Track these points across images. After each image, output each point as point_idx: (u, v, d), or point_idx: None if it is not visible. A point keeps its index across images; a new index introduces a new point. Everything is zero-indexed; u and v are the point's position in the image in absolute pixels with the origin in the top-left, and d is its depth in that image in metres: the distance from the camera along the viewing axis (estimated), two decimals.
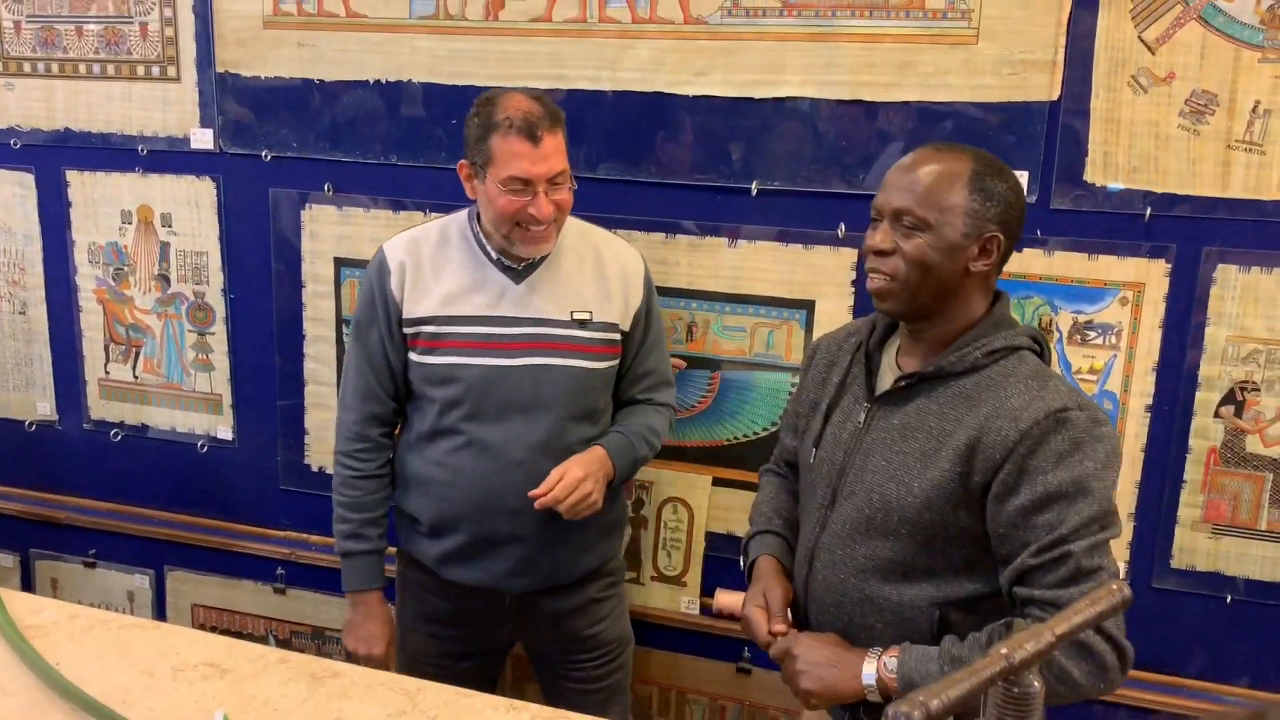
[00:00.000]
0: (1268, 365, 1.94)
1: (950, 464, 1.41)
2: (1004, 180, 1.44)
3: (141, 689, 1.51)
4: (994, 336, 1.46)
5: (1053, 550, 1.34)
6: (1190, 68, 1.88)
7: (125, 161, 2.56)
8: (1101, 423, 1.39)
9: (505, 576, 1.94)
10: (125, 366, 2.69)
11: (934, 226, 1.42)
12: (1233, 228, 1.91)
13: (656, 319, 2.06)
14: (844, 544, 1.52)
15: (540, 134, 1.78)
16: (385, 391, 1.97)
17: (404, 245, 1.96)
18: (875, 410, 1.53)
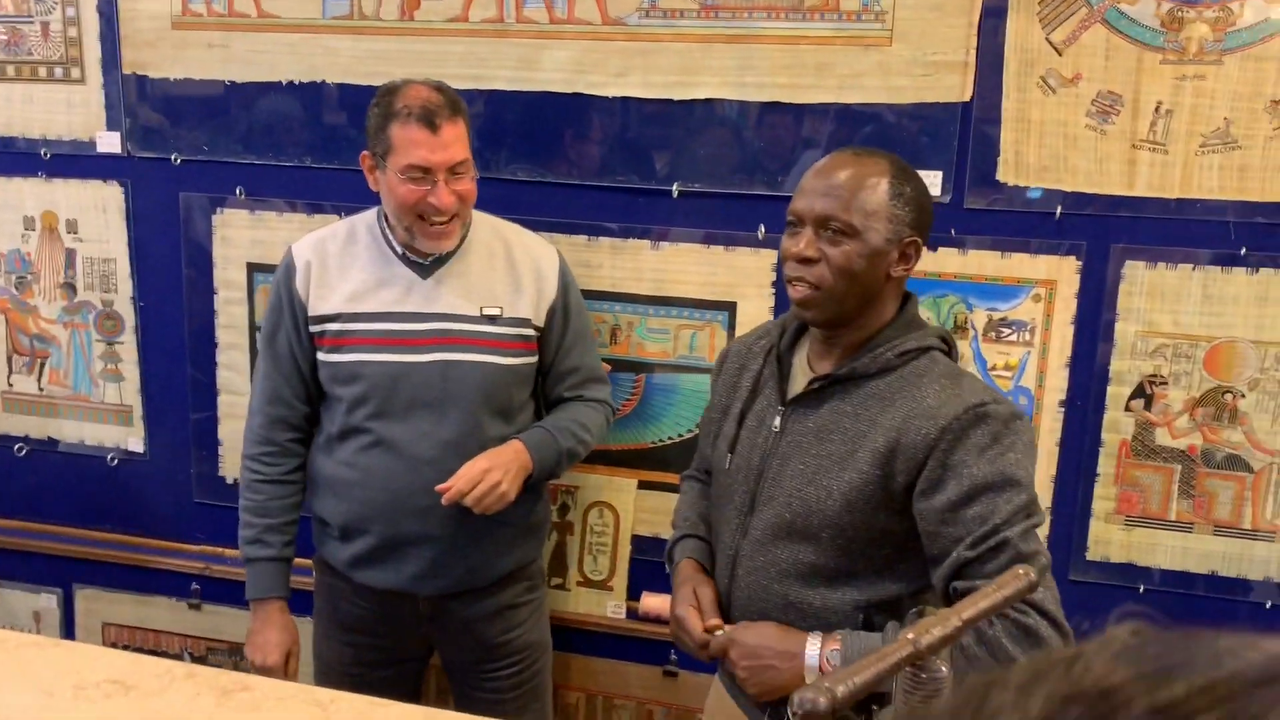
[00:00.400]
0: (1174, 359, 1.99)
1: (869, 465, 1.41)
2: (916, 184, 1.46)
3: (40, 709, 1.44)
4: (906, 338, 1.47)
5: (989, 540, 1.34)
6: (1096, 69, 1.92)
7: (27, 166, 2.47)
8: (1018, 416, 1.41)
9: (416, 579, 1.90)
10: (30, 378, 2.59)
11: (860, 233, 1.41)
12: (1139, 225, 1.96)
13: (577, 315, 2.02)
14: (765, 550, 1.51)
15: (439, 122, 1.76)
16: (293, 394, 1.93)
17: (310, 244, 1.93)
18: (789, 414, 1.52)
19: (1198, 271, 1.95)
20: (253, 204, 2.37)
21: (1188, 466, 2.02)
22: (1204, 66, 1.87)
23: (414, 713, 1.46)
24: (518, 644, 2.03)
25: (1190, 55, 1.87)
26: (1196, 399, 1.99)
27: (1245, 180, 1.89)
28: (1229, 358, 1.96)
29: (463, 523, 1.86)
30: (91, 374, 2.54)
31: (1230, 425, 1.99)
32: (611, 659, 2.37)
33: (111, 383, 2.54)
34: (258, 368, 1.99)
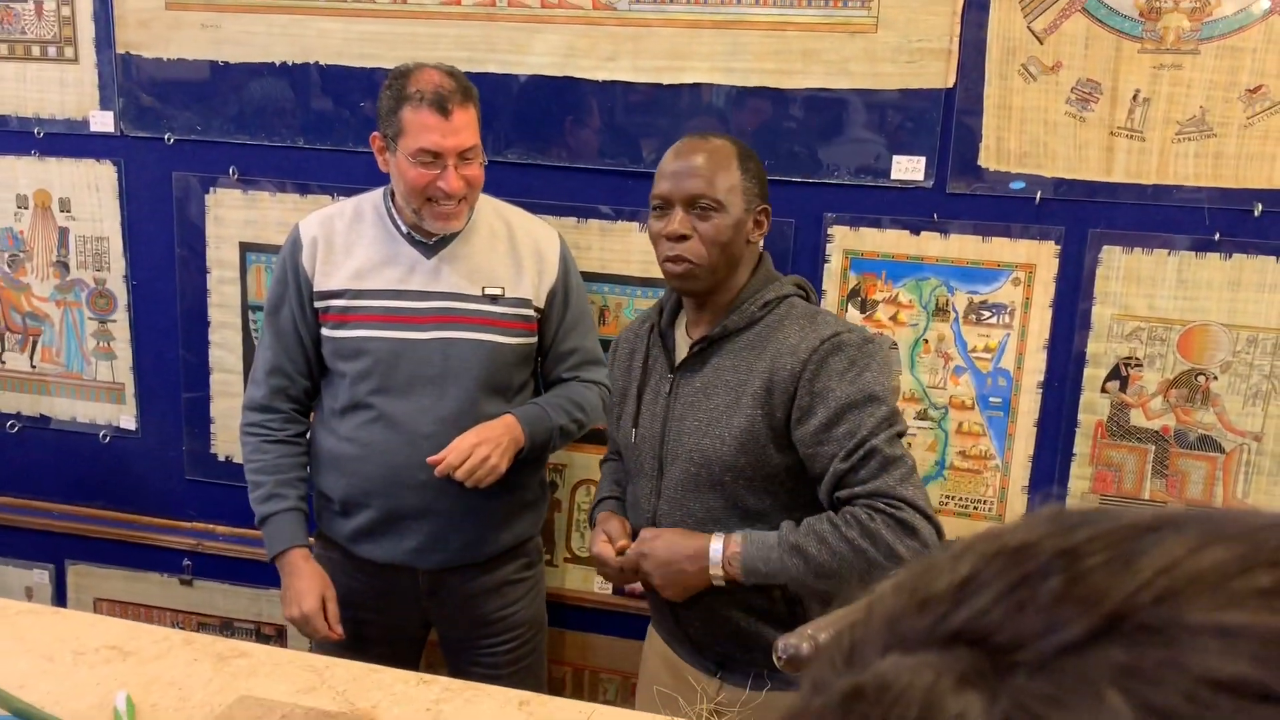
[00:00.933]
0: (1149, 342, 2.04)
1: (752, 408, 1.57)
2: (755, 160, 1.65)
3: (40, 674, 1.48)
4: (765, 290, 1.64)
5: (858, 451, 1.50)
6: (1076, 57, 1.96)
7: (20, 144, 2.49)
8: (870, 339, 1.59)
9: (415, 553, 1.94)
10: (22, 356, 2.61)
11: (725, 207, 1.58)
12: (1116, 211, 2.01)
13: (577, 297, 2.06)
14: (679, 505, 1.66)
15: (451, 107, 1.79)
16: (294, 368, 1.97)
17: (318, 221, 1.97)
18: (677, 379, 1.68)
19: (1173, 256, 2.00)
20: (245, 184, 2.39)
21: (1161, 447, 2.07)
22: (1181, 56, 1.92)
23: (408, 678, 1.50)
24: (514, 620, 2.06)
25: (1167, 45, 1.92)
26: (1170, 381, 2.04)
27: (1220, 167, 1.94)
28: (1202, 341, 2.01)
29: (461, 497, 1.90)
30: (84, 352, 2.57)
31: (1203, 407, 2.04)
32: (598, 634, 2.41)
33: (104, 360, 2.56)
34: (260, 340, 2.03)
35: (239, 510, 2.53)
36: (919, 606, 0.31)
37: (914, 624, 0.31)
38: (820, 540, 1.50)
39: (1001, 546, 0.31)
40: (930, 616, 0.30)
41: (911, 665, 0.29)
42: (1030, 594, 0.29)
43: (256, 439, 1.98)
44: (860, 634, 0.32)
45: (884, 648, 0.31)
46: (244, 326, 2.45)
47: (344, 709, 1.41)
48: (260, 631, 2.59)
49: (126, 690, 1.42)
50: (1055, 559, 0.29)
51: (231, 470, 2.52)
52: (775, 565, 1.52)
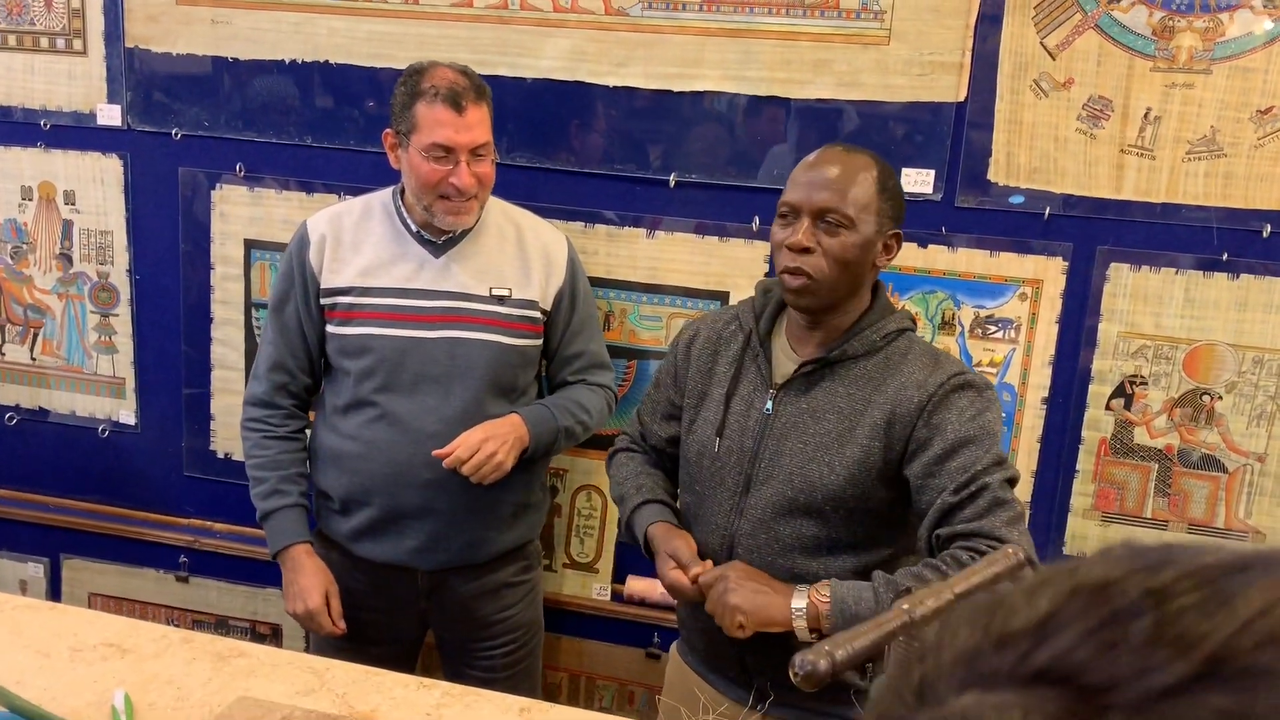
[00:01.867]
0: (1155, 360, 2.04)
1: (868, 439, 1.51)
2: (895, 180, 1.56)
3: (37, 670, 1.47)
4: (886, 321, 1.57)
5: (970, 486, 1.42)
6: (1088, 74, 1.96)
7: (26, 136, 2.48)
8: (990, 386, 1.55)
9: (415, 552, 1.93)
10: (22, 348, 2.60)
11: (855, 224, 1.49)
12: (1124, 228, 2.01)
13: (584, 302, 2.06)
14: (766, 527, 1.56)
15: (465, 104, 1.80)
16: (297, 365, 1.96)
17: (326, 218, 1.97)
18: (780, 396, 1.58)
19: (1180, 275, 2.00)
20: (251, 181, 2.38)
21: (1164, 465, 2.07)
22: (1193, 75, 1.92)
23: (408, 682, 1.49)
24: (512, 623, 2.06)
25: (1180, 64, 1.92)
26: (1175, 400, 2.04)
27: (1229, 187, 1.94)
28: (1208, 360, 2.01)
29: (463, 498, 1.89)
30: (85, 345, 2.55)
31: (1207, 426, 2.04)
32: (596, 640, 2.40)
33: (105, 355, 2.55)
34: (263, 335, 2.02)
35: (237, 507, 2.53)
36: (997, 643, 0.30)
37: (993, 661, 0.30)
38: (917, 578, 1.41)
39: (1079, 583, 0.31)
40: (1011, 654, 0.30)
41: (995, 704, 0.28)
42: (1120, 634, 0.28)
43: (258, 434, 1.98)
44: (932, 669, 0.32)
45: (961, 685, 0.30)
46: (247, 324, 2.44)
47: (343, 712, 1.40)
48: (256, 630, 2.58)
49: (124, 688, 1.41)
50: (1144, 599, 0.29)
51: (231, 468, 2.51)
52: (868, 605, 1.41)
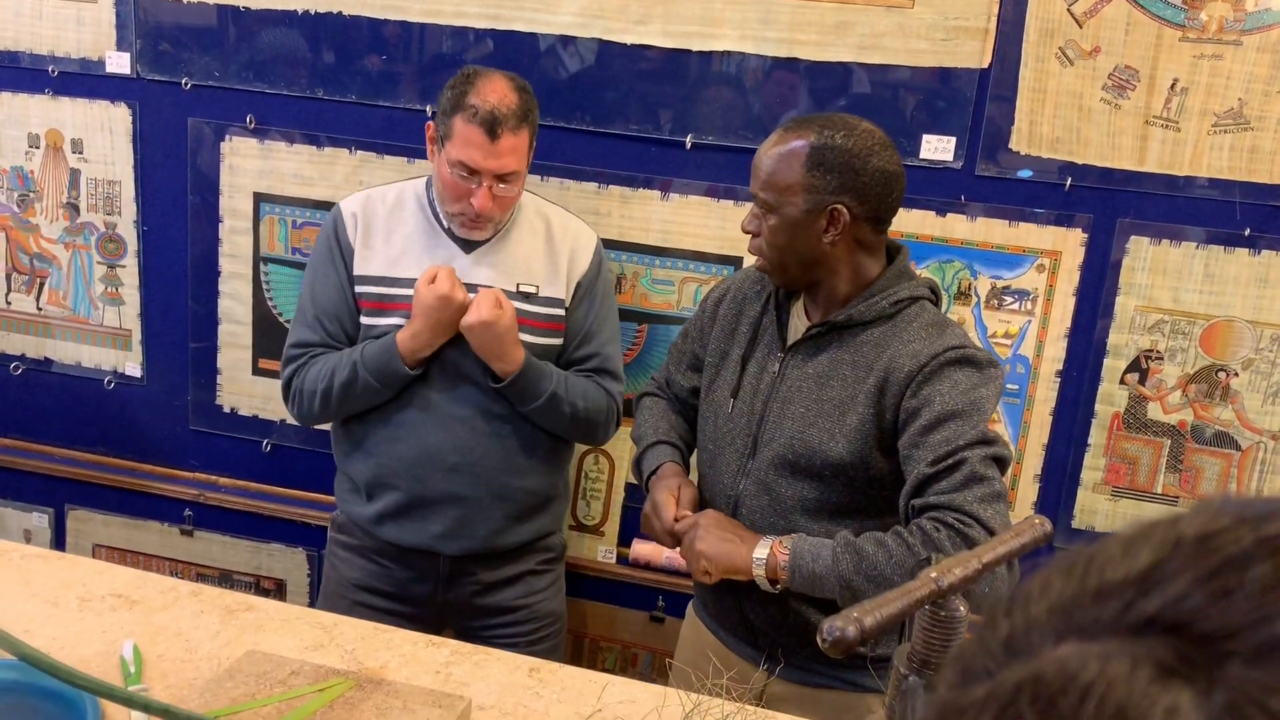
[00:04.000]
0: (1171, 335, 2.02)
1: (865, 407, 1.50)
2: (851, 148, 1.50)
3: (45, 619, 1.46)
4: (898, 287, 1.56)
5: (948, 459, 1.42)
6: (1115, 43, 1.93)
7: (34, 82, 2.44)
8: (993, 364, 1.51)
9: (440, 538, 1.93)
10: (28, 297, 2.58)
11: (776, 208, 1.52)
12: (1146, 201, 1.98)
13: (605, 303, 2.01)
14: (769, 489, 1.58)
15: (501, 132, 1.76)
16: (329, 333, 1.92)
17: (358, 201, 1.96)
18: (788, 359, 1.60)
19: (1201, 250, 1.98)
20: (262, 133, 2.35)
21: (1177, 441, 2.06)
22: (1222, 46, 1.88)
23: (417, 639, 1.49)
24: (537, 610, 2.03)
25: (1209, 34, 1.89)
26: (1190, 375, 2.03)
27: (1255, 162, 1.92)
28: (1225, 336, 2.00)
29: (487, 485, 1.91)
30: (91, 296, 2.54)
31: (1221, 403, 2.02)
32: (600, 602, 2.40)
33: (111, 306, 2.53)
34: (296, 317, 1.98)
35: (242, 462, 2.53)
36: (1096, 594, 0.30)
37: (1092, 612, 0.29)
38: (879, 543, 1.43)
39: (1181, 534, 0.30)
40: (1113, 604, 0.29)
41: (1099, 653, 0.28)
42: (1235, 581, 0.28)
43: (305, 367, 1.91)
44: (1021, 622, 0.31)
45: (1057, 636, 0.29)
46: (255, 278, 2.42)
47: (352, 668, 1.39)
48: (260, 585, 2.58)
49: (133, 639, 1.41)
50: (1257, 547, 0.28)
51: (237, 422, 2.50)
52: (825, 563, 1.43)
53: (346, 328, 1.92)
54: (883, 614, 0.75)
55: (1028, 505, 2.14)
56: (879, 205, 1.53)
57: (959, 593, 0.82)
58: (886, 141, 1.54)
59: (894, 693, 0.85)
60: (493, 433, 1.91)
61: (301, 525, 2.51)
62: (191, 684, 1.34)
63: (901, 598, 0.78)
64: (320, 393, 1.87)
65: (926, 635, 0.82)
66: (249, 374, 2.48)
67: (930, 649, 0.82)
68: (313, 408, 1.90)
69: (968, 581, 0.82)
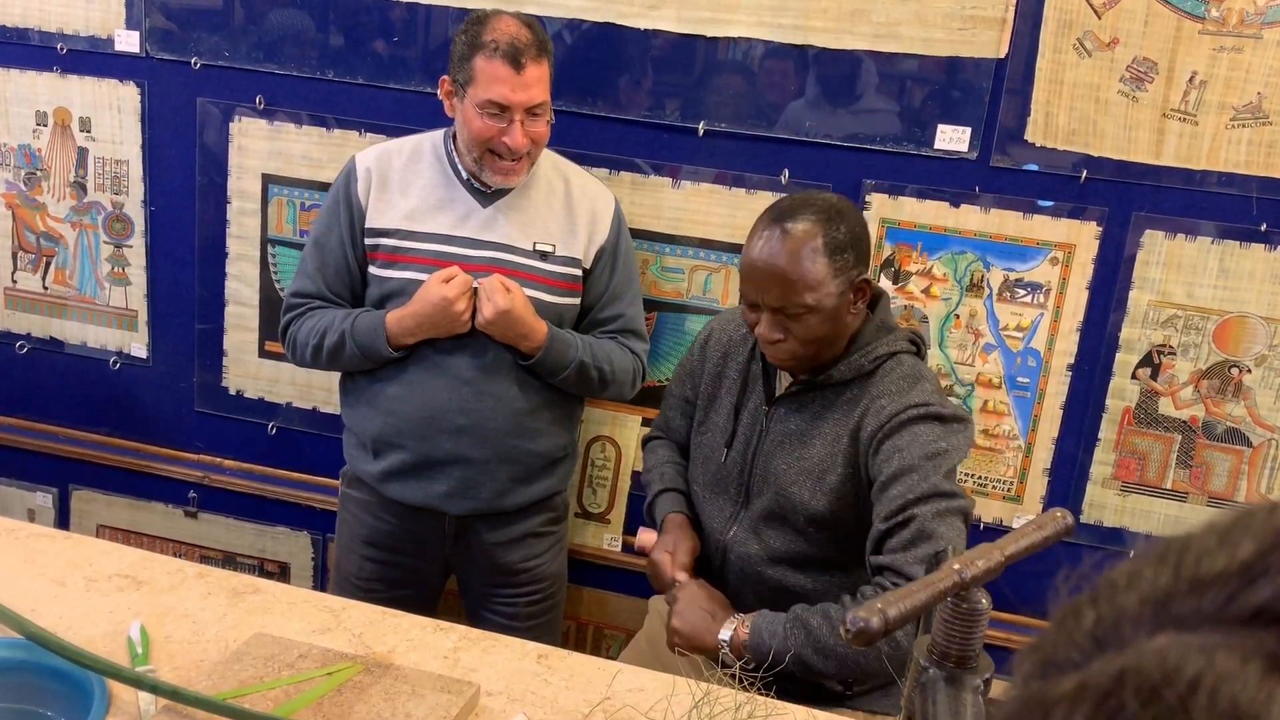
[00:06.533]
0: (1184, 330, 2.01)
1: (843, 466, 1.54)
2: (846, 225, 1.52)
3: (51, 599, 1.45)
4: (878, 344, 1.58)
5: (898, 515, 1.43)
6: (1134, 34, 1.91)
7: (42, 60, 2.43)
8: (960, 419, 1.52)
9: (445, 497, 1.92)
10: (34, 276, 2.57)
11: (815, 308, 1.50)
12: (1162, 195, 1.97)
13: (626, 263, 2.01)
14: (757, 539, 1.63)
15: (525, 61, 1.76)
16: (330, 289, 1.92)
17: (375, 154, 1.94)
18: (773, 412, 1.63)
19: (1216, 245, 1.96)
20: (271, 114, 2.33)
21: (1188, 437, 2.05)
22: (1242, 39, 1.87)
23: (425, 624, 1.48)
24: (537, 573, 2.04)
25: (1229, 27, 1.87)
26: (1202, 371, 2.01)
27: (1273, 156, 1.90)
28: (1239, 332, 1.98)
29: (494, 447, 1.90)
30: (98, 276, 2.52)
31: (1233, 399, 2.01)
32: (605, 590, 2.40)
33: (117, 286, 2.52)
34: (299, 267, 1.98)
35: (247, 444, 2.52)
36: (1193, 586, 0.29)
37: (1190, 604, 0.28)
38: (825, 616, 1.46)
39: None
40: (1214, 596, 0.28)
41: (1200, 645, 0.27)
42: None
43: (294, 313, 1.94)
44: (1109, 613, 0.30)
45: (1152, 628, 0.28)
46: (262, 259, 2.41)
47: (360, 652, 1.39)
48: (264, 568, 2.57)
49: (140, 620, 1.40)
50: None
51: (242, 404, 2.49)
52: (779, 640, 1.46)
53: (345, 282, 1.93)
54: (907, 605, 0.74)
55: (1036, 500, 2.13)
56: (869, 260, 1.59)
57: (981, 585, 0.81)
58: (848, 200, 1.60)
59: (913, 685, 0.84)
60: (499, 395, 1.89)
61: (306, 508, 2.51)
62: (199, 666, 1.33)
63: (924, 590, 0.77)
64: (312, 347, 1.91)
65: (948, 627, 0.81)
66: (255, 356, 2.47)
67: (951, 641, 0.81)
68: (305, 358, 1.94)
69: (990, 574, 0.81)
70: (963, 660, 0.82)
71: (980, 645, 0.83)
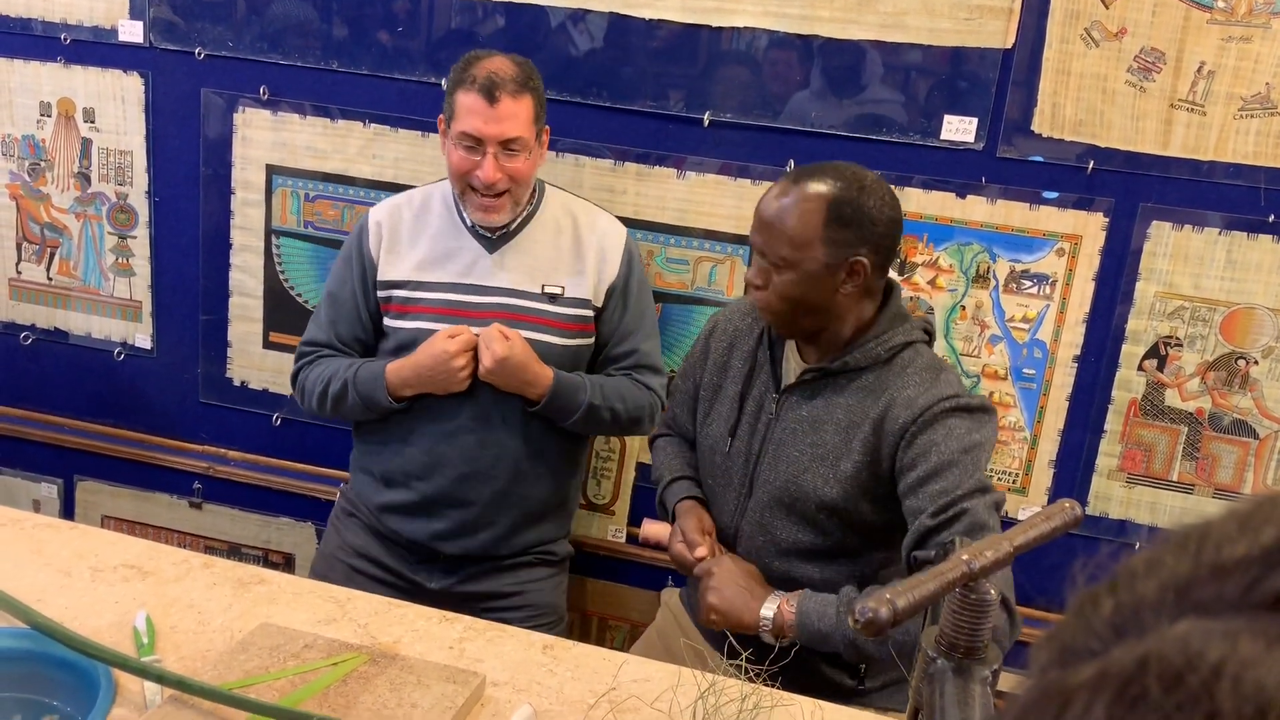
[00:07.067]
0: (1191, 322, 2.00)
1: (860, 454, 1.52)
2: (863, 202, 1.50)
3: (58, 588, 1.46)
4: (893, 332, 1.56)
5: (949, 510, 1.43)
6: (1141, 24, 1.90)
7: (46, 50, 2.42)
8: (987, 409, 1.52)
9: (440, 537, 1.93)
10: (39, 267, 2.57)
11: (795, 264, 1.50)
12: (1169, 185, 1.96)
13: (639, 299, 1.98)
14: (764, 530, 1.62)
15: (500, 95, 1.75)
16: (341, 340, 1.95)
17: (386, 209, 1.96)
18: (783, 400, 1.62)
19: (1224, 236, 1.95)
20: (275, 104, 2.33)
21: (1194, 429, 2.04)
22: (1251, 29, 1.86)
23: (430, 614, 1.48)
24: (531, 598, 2.01)
25: (1238, 17, 1.86)
26: (1209, 363, 2.01)
27: None
28: (1246, 324, 1.98)
29: (495, 493, 1.90)
30: (102, 267, 2.52)
31: (1240, 391, 2.01)
32: (609, 581, 2.40)
33: (122, 277, 2.52)
34: (313, 317, 2.02)
35: (252, 435, 2.52)
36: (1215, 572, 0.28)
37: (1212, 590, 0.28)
38: None
39: None
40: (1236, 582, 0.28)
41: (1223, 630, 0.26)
42: None
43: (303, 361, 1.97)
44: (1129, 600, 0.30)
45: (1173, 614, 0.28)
46: (267, 250, 2.41)
47: (365, 643, 1.39)
48: (268, 559, 2.58)
49: (146, 610, 1.40)
50: None
51: (246, 395, 2.49)
52: (830, 622, 1.47)
53: (357, 335, 1.96)
54: (915, 596, 0.74)
55: (1042, 491, 2.13)
56: (889, 254, 1.56)
57: (990, 576, 0.81)
58: (890, 189, 1.56)
59: (921, 676, 0.84)
60: (501, 444, 1.90)
61: (311, 500, 2.51)
62: (205, 656, 1.33)
63: (933, 580, 0.77)
64: (318, 395, 1.92)
65: (956, 618, 0.81)
66: (259, 347, 2.47)
67: (959, 632, 0.81)
68: (312, 405, 1.95)
69: (999, 564, 0.81)
70: (971, 651, 0.81)
71: (988, 636, 0.83)
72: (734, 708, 1.25)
